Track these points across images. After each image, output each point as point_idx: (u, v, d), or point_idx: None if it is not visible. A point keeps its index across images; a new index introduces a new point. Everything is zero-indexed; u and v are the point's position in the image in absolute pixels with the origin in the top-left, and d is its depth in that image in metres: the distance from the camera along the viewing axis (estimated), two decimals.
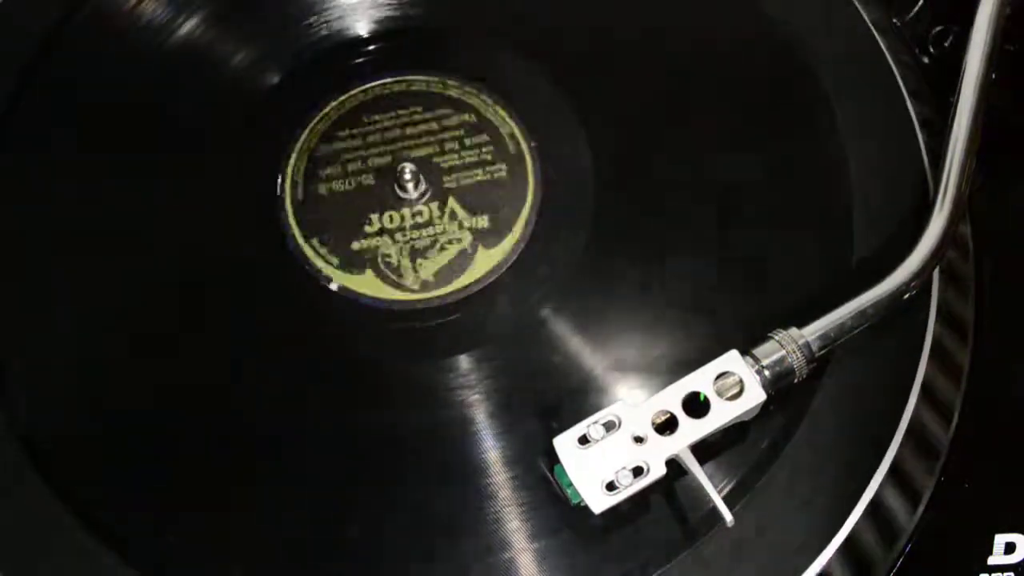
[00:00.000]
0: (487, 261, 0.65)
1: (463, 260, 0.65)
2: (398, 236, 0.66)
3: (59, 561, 0.57)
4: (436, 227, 0.66)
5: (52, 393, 0.61)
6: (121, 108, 0.69)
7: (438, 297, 0.64)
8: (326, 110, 0.69)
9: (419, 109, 0.69)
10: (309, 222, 0.66)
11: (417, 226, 0.66)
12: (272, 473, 0.59)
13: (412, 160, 0.67)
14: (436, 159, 0.68)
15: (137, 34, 0.71)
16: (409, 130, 0.69)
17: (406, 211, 0.66)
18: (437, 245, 0.65)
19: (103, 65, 0.70)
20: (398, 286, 0.64)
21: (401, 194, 0.66)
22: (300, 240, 0.66)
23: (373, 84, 0.70)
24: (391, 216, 0.66)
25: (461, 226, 0.66)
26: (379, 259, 0.65)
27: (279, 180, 0.67)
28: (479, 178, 0.67)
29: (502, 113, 0.68)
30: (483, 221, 0.66)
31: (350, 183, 0.67)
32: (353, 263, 0.65)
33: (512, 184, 0.67)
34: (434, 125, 0.69)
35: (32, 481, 0.58)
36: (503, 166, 0.67)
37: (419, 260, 0.65)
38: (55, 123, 0.68)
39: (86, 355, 0.62)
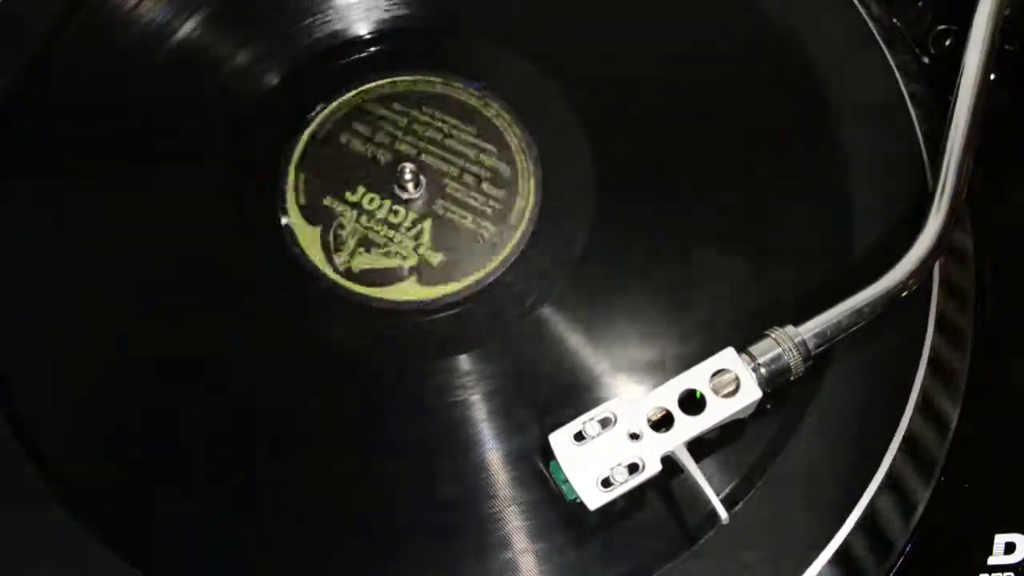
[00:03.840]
0: (408, 291, 0.64)
1: (392, 277, 0.65)
2: (363, 219, 0.66)
3: (59, 561, 0.57)
4: (397, 234, 0.66)
5: (52, 394, 0.62)
6: (121, 108, 0.69)
7: (357, 292, 0.64)
8: (390, 79, 0.71)
9: (470, 129, 0.69)
10: (311, 158, 0.67)
11: (385, 222, 0.66)
12: (272, 473, 0.59)
13: (426, 166, 0.67)
14: (446, 180, 0.68)
15: (137, 34, 0.71)
16: (448, 141, 0.69)
17: (388, 203, 0.67)
18: (384, 249, 0.66)
19: (103, 65, 0.71)
20: (328, 259, 0.65)
21: (398, 189, 0.66)
22: (291, 168, 0.67)
23: (429, 78, 0.71)
24: (373, 199, 0.67)
25: (415, 249, 0.66)
26: (333, 224, 0.66)
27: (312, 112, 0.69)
28: (466, 222, 0.67)
29: (530, 177, 0.68)
30: (435, 258, 0.65)
31: (369, 150, 0.68)
32: (313, 214, 0.66)
33: (489, 245, 0.66)
34: (471, 152, 0.68)
35: (32, 481, 0.58)
36: (495, 228, 0.66)
37: (360, 249, 0.65)
38: (55, 123, 0.69)
39: (86, 355, 0.63)
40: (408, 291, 0.64)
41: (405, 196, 0.66)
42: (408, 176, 0.66)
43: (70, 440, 0.60)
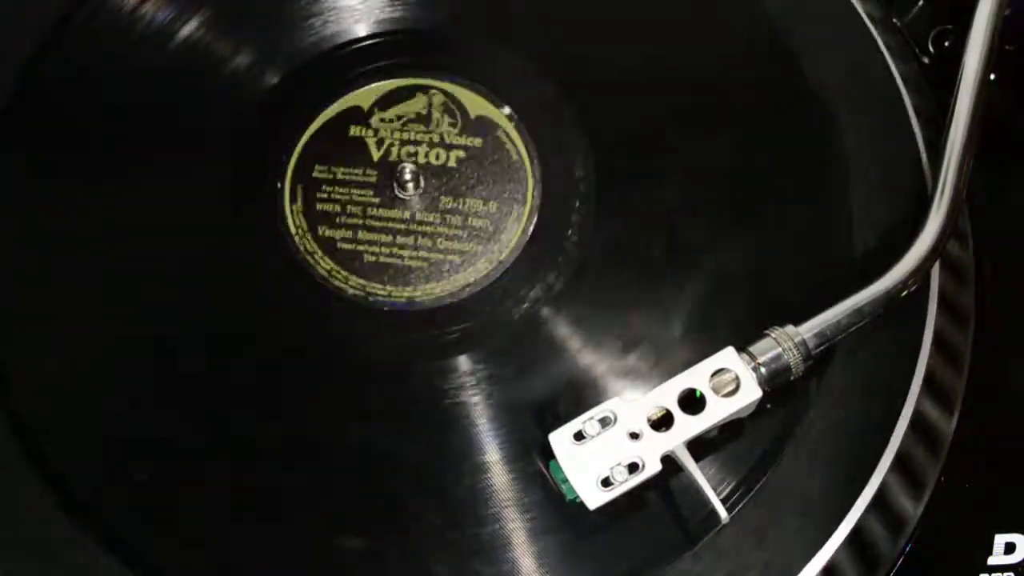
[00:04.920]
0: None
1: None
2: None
3: (59, 561, 0.57)
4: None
5: (52, 393, 0.62)
6: (121, 108, 0.69)
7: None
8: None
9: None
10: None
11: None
12: (271, 473, 0.59)
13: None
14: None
15: (137, 34, 0.71)
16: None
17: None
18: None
19: (103, 65, 0.70)
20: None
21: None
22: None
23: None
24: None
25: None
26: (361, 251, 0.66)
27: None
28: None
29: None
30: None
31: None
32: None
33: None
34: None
35: (32, 481, 0.58)
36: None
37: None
38: (55, 123, 0.69)
39: (86, 355, 0.63)
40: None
41: (406, 196, 0.66)
42: (408, 176, 0.66)
43: (70, 441, 0.60)
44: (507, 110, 0.69)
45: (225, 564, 0.57)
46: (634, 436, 0.55)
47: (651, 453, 0.55)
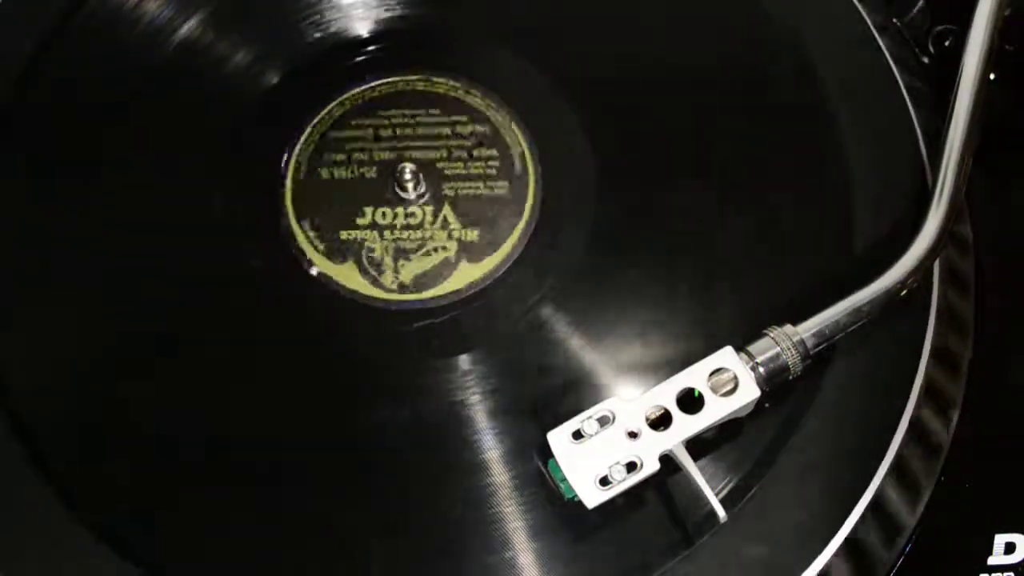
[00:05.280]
0: (467, 275, 0.65)
1: (444, 269, 0.65)
2: (387, 233, 0.66)
3: (59, 561, 0.57)
4: (426, 231, 0.66)
5: (52, 393, 0.61)
6: (121, 108, 0.69)
7: (417, 300, 0.64)
8: (339, 99, 0.70)
9: (435, 111, 0.69)
10: (306, 203, 0.67)
11: (408, 227, 0.66)
12: (272, 473, 0.59)
13: (415, 161, 0.67)
14: (440, 164, 0.68)
15: (137, 34, 0.71)
16: (420, 131, 0.69)
17: (400, 210, 0.67)
18: (423, 249, 0.65)
19: (103, 65, 0.70)
20: (376, 283, 0.64)
21: (400, 193, 0.66)
22: (292, 220, 0.66)
23: (387, 80, 0.70)
24: (384, 212, 0.67)
25: (450, 236, 0.66)
26: (363, 252, 0.65)
27: (283, 160, 0.68)
28: (479, 191, 0.67)
29: (516, 130, 0.68)
30: (473, 234, 0.66)
31: (353, 172, 0.68)
32: (337, 251, 0.65)
33: (511, 200, 0.67)
34: (446, 130, 0.69)
35: (32, 481, 0.58)
36: (505, 182, 0.67)
37: (401, 260, 0.65)
38: (55, 123, 0.69)
39: (86, 354, 0.63)
40: (466, 275, 0.64)
41: (413, 196, 0.66)
42: (408, 176, 0.66)
43: (70, 439, 0.60)
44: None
45: (225, 563, 0.57)
46: (632, 435, 0.55)
47: (649, 452, 0.55)
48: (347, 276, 0.65)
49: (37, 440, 0.60)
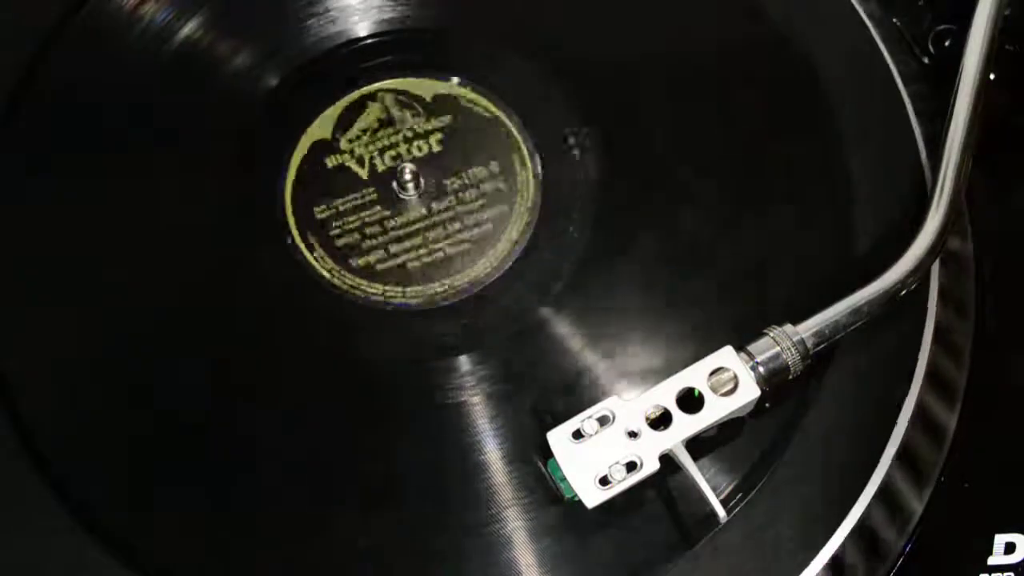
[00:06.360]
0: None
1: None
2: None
3: (59, 561, 0.57)
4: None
5: (52, 393, 0.62)
6: (121, 108, 0.69)
7: (417, 300, 0.64)
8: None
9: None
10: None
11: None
12: (272, 474, 0.59)
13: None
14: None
15: (137, 35, 0.71)
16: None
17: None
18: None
19: (103, 65, 0.71)
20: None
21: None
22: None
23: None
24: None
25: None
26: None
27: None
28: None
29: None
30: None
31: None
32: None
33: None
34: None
35: (32, 480, 0.58)
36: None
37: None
38: (55, 123, 0.69)
39: (86, 354, 0.63)
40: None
41: (406, 196, 0.66)
42: (408, 176, 0.66)
43: (71, 441, 0.60)
44: (507, 109, 0.69)
45: (225, 563, 0.57)
46: (632, 435, 0.55)
47: (649, 452, 0.55)
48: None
49: (37, 440, 0.60)
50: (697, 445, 0.56)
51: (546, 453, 0.56)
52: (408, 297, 0.64)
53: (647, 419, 0.55)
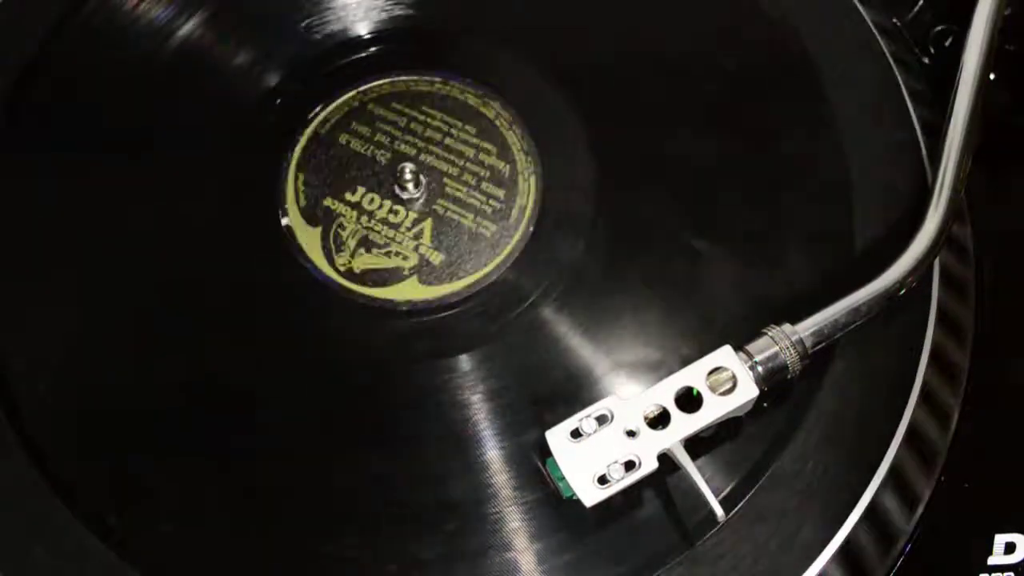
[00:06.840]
0: (410, 291, 0.65)
1: (392, 276, 0.65)
2: (364, 219, 0.66)
3: (58, 560, 0.57)
4: (398, 233, 0.66)
5: (52, 392, 0.62)
6: (121, 108, 0.69)
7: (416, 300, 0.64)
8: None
9: (471, 128, 0.69)
10: (310, 159, 0.68)
11: (385, 222, 0.66)
12: (272, 472, 0.59)
13: (426, 166, 0.67)
14: (446, 179, 0.68)
15: (137, 34, 0.71)
16: (447, 141, 0.69)
17: (388, 203, 0.67)
18: (384, 249, 0.66)
19: (103, 65, 0.71)
20: (330, 260, 0.65)
21: (397, 189, 0.67)
22: (291, 170, 0.67)
23: (439, 81, 0.71)
24: (373, 199, 0.67)
25: (416, 248, 0.66)
26: (332, 225, 0.66)
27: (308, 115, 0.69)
28: (466, 222, 0.67)
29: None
30: (437, 257, 0.66)
31: (368, 150, 0.68)
32: (313, 215, 0.66)
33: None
34: (471, 151, 0.68)
35: (31, 480, 0.58)
36: (491, 225, 0.67)
37: (361, 250, 0.65)
38: (55, 123, 0.69)
39: (86, 354, 0.63)
40: (408, 291, 0.64)
41: (405, 196, 0.67)
42: (408, 176, 0.66)
43: (69, 437, 0.60)
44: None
45: (225, 562, 0.57)
46: (631, 434, 0.55)
47: (648, 451, 0.55)
48: (309, 240, 0.66)
49: (36, 440, 0.60)
50: (696, 444, 0.56)
51: (545, 452, 0.56)
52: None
53: (646, 418, 0.55)
